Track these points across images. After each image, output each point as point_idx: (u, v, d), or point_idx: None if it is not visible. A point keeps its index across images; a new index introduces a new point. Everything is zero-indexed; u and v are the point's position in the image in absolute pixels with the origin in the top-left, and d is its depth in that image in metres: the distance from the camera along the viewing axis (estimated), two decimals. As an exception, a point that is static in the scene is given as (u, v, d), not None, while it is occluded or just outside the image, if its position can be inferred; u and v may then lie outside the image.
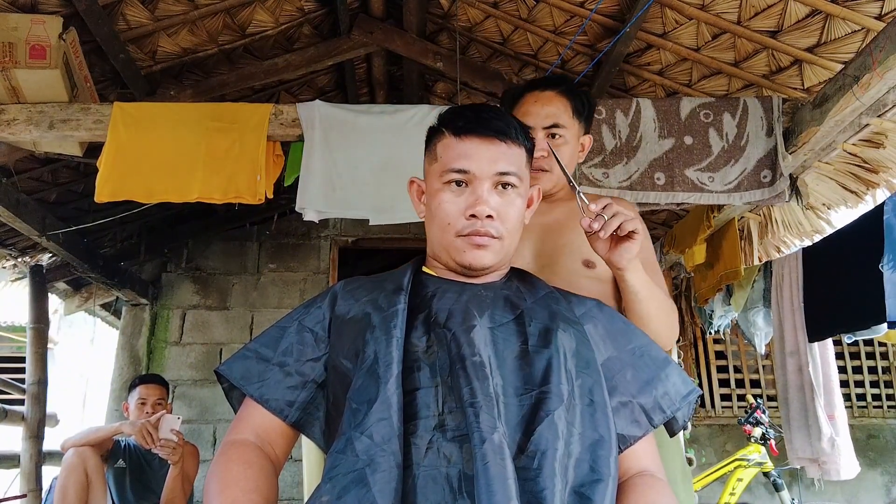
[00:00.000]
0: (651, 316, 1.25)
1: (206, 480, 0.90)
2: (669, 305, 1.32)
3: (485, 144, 1.03)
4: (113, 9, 2.54)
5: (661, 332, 1.27)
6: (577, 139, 1.47)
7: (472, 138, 1.03)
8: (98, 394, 5.99)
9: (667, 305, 1.30)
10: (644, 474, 0.96)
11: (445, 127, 1.07)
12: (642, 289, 1.22)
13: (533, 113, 1.43)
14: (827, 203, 3.17)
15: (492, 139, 1.03)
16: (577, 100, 1.45)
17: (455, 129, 1.05)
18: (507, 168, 1.03)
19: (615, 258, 1.15)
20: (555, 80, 1.50)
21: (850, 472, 3.12)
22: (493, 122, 1.05)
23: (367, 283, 1.09)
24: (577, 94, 1.46)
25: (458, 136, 1.04)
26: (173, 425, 2.77)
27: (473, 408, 0.84)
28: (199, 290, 4.73)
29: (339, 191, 2.59)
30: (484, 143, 1.03)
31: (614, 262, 1.17)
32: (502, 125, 1.05)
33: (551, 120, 1.42)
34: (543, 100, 1.43)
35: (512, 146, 1.05)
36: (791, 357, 3.24)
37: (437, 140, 1.08)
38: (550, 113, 1.42)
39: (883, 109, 2.34)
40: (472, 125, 1.04)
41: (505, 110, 1.33)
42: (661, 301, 1.28)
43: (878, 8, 2.26)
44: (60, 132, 2.48)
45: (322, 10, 3.06)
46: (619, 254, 1.14)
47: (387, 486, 0.80)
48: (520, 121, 1.10)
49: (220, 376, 1.03)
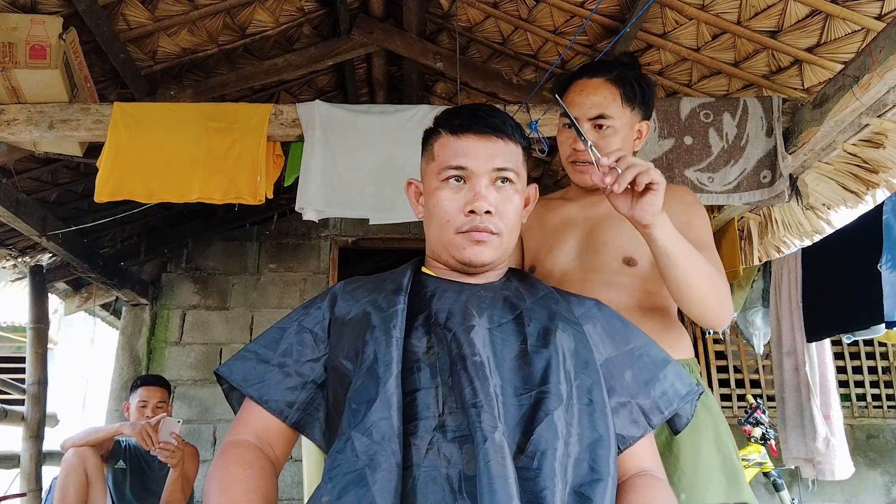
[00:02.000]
0: (690, 282, 1.16)
1: (206, 481, 0.90)
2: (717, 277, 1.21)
3: (482, 141, 1.03)
4: (113, 9, 2.54)
5: (705, 302, 1.19)
6: (631, 127, 1.38)
7: (469, 136, 1.04)
8: (98, 394, 5.98)
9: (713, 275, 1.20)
10: (644, 474, 0.96)
11: (442, 126, 1.08)
12: (674, 248, 1.13)
13: (578, 103, 1.36)
14: (827, 203, 3.17)
15: (488, 136, 1.04)
16: (627, 86, 1.36)
17: (451, 127, 1.06)
18: (505, 164, 1.03)
19: (637, 214, 1.08)
20: (605, 65, 1.40)
21: (845, 472, 3.11)
22: (489, 119, 1.05)
23: (367, 283, 1.09)
24: (627, 81, 1.36)
25: (454, 134, 1.05)
26: (173, 428, 2.77)
27: (475, 408, 0.84)
28: (199, 290, 4.73)
29: (338, 191, 2.59)
30: (481, 140, 1.04)
31: (637, 219, 1.09)
32: (498, 122, 1.05)
33: (597, 110, 1.34)
34: (589, 89, 1.36)
35: (508, 143, 1.05)
36: (788, 357, 3.25)
37: (433, 140, 1.09)
38: (596, 103, 1.34)
39: (883, 109, 2.34)
40: (469, 123, 1.05)
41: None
42: (704, 269, 1.18)
43: (878, 8, 2.26)
44: (60, 132, 2.49)
45: (322, 10, 3.06)
46: (642, 208, 1.08)
47: (387, 485, 0.79)
48: (514, 119, 1.10)
49: (219, 378, 1.04)
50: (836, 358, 5.20)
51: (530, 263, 1.49)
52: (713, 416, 1.29)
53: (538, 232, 1.49)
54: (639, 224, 1.11)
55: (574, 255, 1.39)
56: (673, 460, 1.23)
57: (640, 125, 1.41)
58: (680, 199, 1.38)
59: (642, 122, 1.41)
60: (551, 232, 1.46)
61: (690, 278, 1.16)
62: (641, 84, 1.39)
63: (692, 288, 1.17)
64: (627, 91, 1.36)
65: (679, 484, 1.20)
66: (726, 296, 1.23)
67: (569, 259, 1.39)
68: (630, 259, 1.33)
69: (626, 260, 1.33)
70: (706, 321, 1.22)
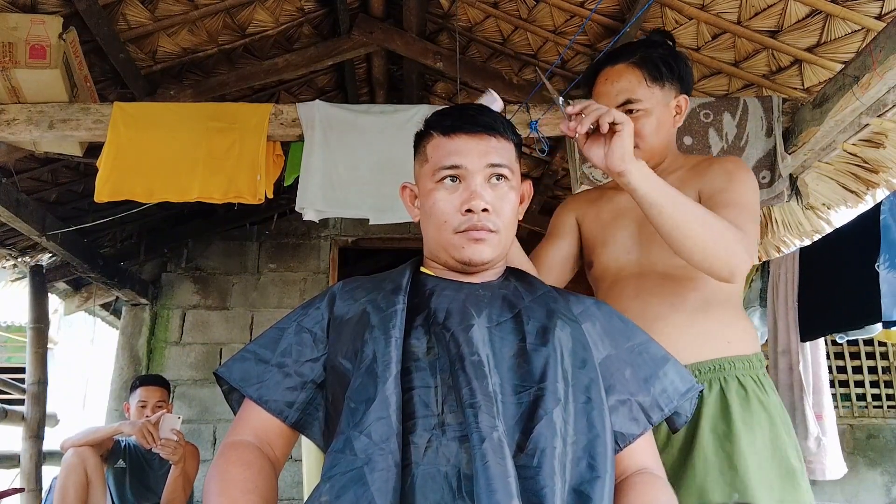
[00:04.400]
0: (684, 231, 1.11)
1: (206, 481, 0.90)
2: (721, 225, 1.14)
3: (474, 140, 1.04)
4: (113, 9, 2.54)
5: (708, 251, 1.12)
6: (665, 105, 1.35)
7: (461, 135, 1.04)
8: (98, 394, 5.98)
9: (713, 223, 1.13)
10: (643, 472, 0.96)
11: (432, 128, 1.08)
12: (660, 197, 1.10)
13: (604, 93, 1.35)
14: (827, 203, 3.17)
15: (480, 134, 1.04)
16: (650, 67, 1.34)
17: (443, 128, 1.06)
18: (498, 160, 1.03)
19: (609, 162, 1.08)
20: (628, 48, 1.39)
21: (837, 472, 3.10)
22: (480, 117, 1.05)
23: (366, 283, 1.09)
24: (650, 61, 1.34)
25: (446, 134, 1.05)
26: (174, 425, 2.77)
27: (473, 408, 0.84)
28: (199, 290, 4.73)
29: (338, 190, 2.59)
30: (473, 138, 1.04)
31: (610, 167, 1.08)
32: (489, 120, 1.05)
33: (624, 96, 1.33)
34: (613, 76, 1.35)
35: (501, 140, 1.05)
36: (783, 356, 3.25)
37: (425, 142, 1.09)
38: (622, 89, 1.33)
39: (883, 109, 2.34)
40: (460, 122, 1.05)
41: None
42: (700, 216, 1.12)
43: (878, 8, 2.26)
44: (60, 132, 2.48)
45: (322, 10, 3.06)
46: (611, 154, 1.07)
47: (385, 485, 0.79)
48: (505, 117, 1.10)
49: (219, 378, 1.03)
50: (837, 358, 5.21)
51: (588, 259, 1.47)
52: (770, 416, 1.25)
53: (594, 225, 1.47)
54: (614, 173, 1.10)
55: (628, 249, 1.37)
56: (725, 457, 1.20)
57: (677, 100, 1.38)
58: (721, 167, 1.35)
59: (679, 97, 1.38)
60: (605, 225, 1.44)
61: (683, 227, 1.11)
62: (668, 60, 1.36)
63: (687, 237, 1.12)
64: (652, 71, 1.34)
65: (732, 484, 1.18)
66: (735, 244, 1.15)
67: (624, 253, 1.37)
68: None
69: None
70: (716, 272, 1.16)
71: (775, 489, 1.19)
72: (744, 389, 1.26)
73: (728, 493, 1.18)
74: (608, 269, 1.40)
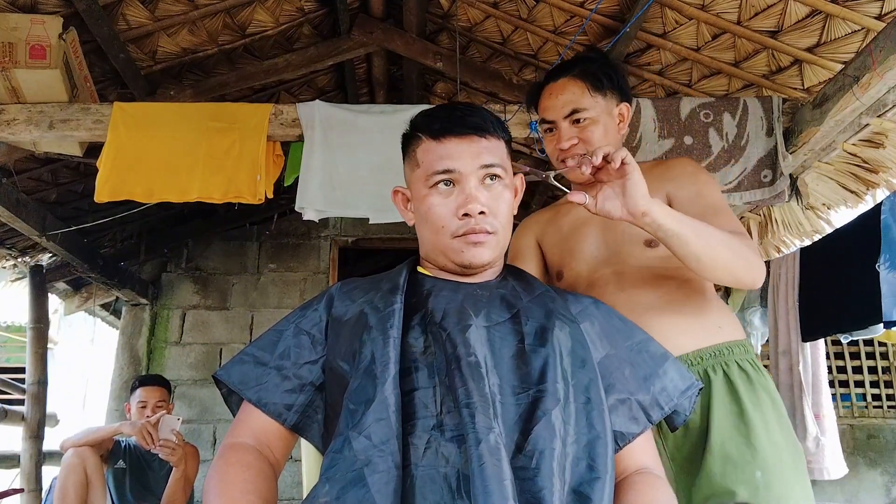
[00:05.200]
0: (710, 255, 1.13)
1: (205, 483, 0.90)
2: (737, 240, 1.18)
3: (465, 142, 1.03)
4: (113, 9, 2.54)
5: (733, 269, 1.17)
6: (608, 114, 1.39)
7: (451, 138, 1.03)
8: (98, 394, 5.98)
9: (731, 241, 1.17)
10: (643, 472, 0.96)
11: (421, 131, 1.06)
12: (680, 228, 1.11)
13: (550, 107, 1.39)
14: (827, 203, 3.17)
15: (471, 136, 1.03)
16: (591, 78, 1.38)
17: (432, 132, 1.05)
18: (491, 160, 1.03)
19: (630, 206, 1.08)
20: (565, 65, 1.43)
21: (837, 472, 3.10)
22: (469, 118, 1.04)
23: (364, 283, 1.09)
24: (589, 73, 1.39)
25: (436, 138, 1.04)
26: (173, 426, 2.77)
27: (469, 409, 0.83)
28: (199, 290, 4.73)
29: (338, 190, 2.59)
30: (464, 140, 1.03)
31: (633, 211, 1.08)
32: (478, 120, 1.04)
33: (570, 107, 1.36)
34: (557, 90, 1.39)
35: (491, 139, 1.05)
36: (783, 356, 3.25)
37: (414, 146, 1.08)
38: (567, 101, 1.37)
39: (883, 109, 2.34)
40: (449, 125, 1.04)
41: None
42: (719, 237, 1.15)
43: (878, 8, 2.26)
44: (60, 132, 2.48)
45: (322, 10, 3.06)
46: (631, 197, 1.08)
47: (385, 486, 0.79)
48: (494, 114, 1.10)
49: (218, 381, 1.03)
50: (837, 358, 5.21)
51: (557, 270, 1.48)
52: (772, 398, 1.27)
53: (555, 239, 1.49)
54: (637, 216, 1.09)
55: (597, 251, 1.39)
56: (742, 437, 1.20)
57: (618, 109, 1.42)
58: (682, 170, 1.39)
59: (621, 105, 1.42)
60: (569, 235, 1.46)
61: (708, 252, 1.14)
62: (607, 71, 1.41)
63: (714, 259, 1.14)
64: (593, 81, 1.38)
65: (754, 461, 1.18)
66: (752, 254, 1.20)
67: (593, 256, 1.39)
68: (650, 241, 1.32)
69: (647, 242, 1.33)
70: (742, 283, 1.21)
71: (791, 466, 1.20)
72: (745, 373, 1.28)
73: (751, 471, 1.17)
74: (580, 274, 1.42)
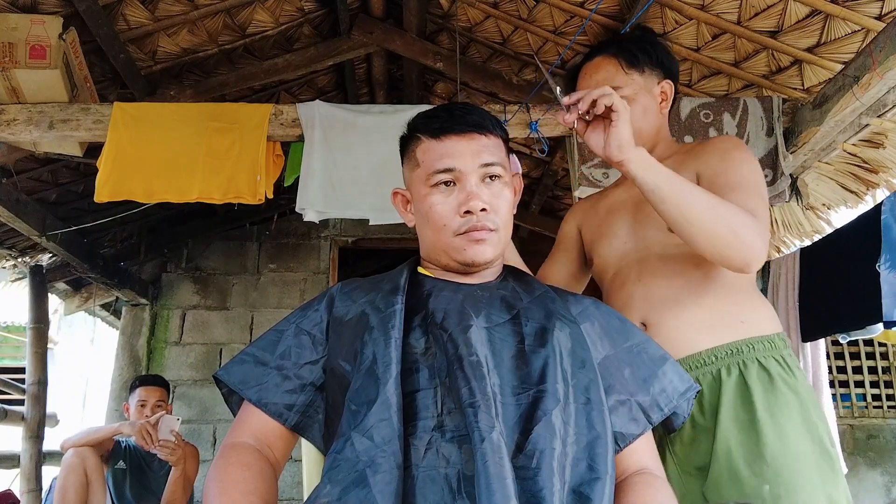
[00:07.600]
0: (688, 218, 1.08)
1: (206, 483, 0.90)
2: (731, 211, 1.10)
3: (464, 140, 1.03)
4: (113, 9, 2.54)
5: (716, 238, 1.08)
6: (648, 91, 1.34)
7: (451, 137, 1.03)
8: (98, 394, 5.99)
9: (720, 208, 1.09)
10: (643, 472, 0.96)
11: (420, 131, 1.07)
12: (662, 184, 1.08)
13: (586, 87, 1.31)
14: (827, 203, 3.17)
15: (470, 134, 1.03)
16: (626, 55, 1.33)
17: (431, 131, 1.05)
18: (491, 159, 1.03)
19: (608, 150, 1.07)
20: (601, 44, 1.40)
21: None
22: (467, 117, 1.05)
23: (365, 284, 1.09)
24: (625, 50, 1.34)
25: (436, 137, 1.04)
26: (172, 426, 2.77)
27: (472, 407, 0.83)
28: (199, 290, 4.73)
29: (339, 191, 2.60)
30: (463, 139, 1.03)
31: (609, 156, 1.07)
32: (477, 118, 1.05)
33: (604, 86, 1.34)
34: (591, 70, 1.36)
35: (490, 137, 1.05)
36: (783, 357, 3.25)
37: (414, 146, 1.08)
38: (600, 80, 1.32)
39: (883, 109, 2.34)
40: (448, 124, 1.04)
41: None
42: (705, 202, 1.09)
43: (878, 8, 2.26)
44: (60, 132, 2.48)
45: (322, 10, 3.06)
46: (609, 142, 1.07)
47: (387, 487, 0.79)
48: (490, 112, 1.10)
49: (218, 381, 1.03)
50: (837, 358, 5.21)
51: (590, 256, 1.47)
52: (800, 398, 1.16)
53: (592, 224, 1.47)
54: (613, 161, 1.09)
55: (625, 237, 1.36)
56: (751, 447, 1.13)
57: (661, 86, 1.37)
58: (715, 148, 1.30)
59: (663, 83, 1.37)
60: (602, 220, 1.44)
61: (688, 213, 1.08)
62: (644, 46, 1.36)
63: (692, 223, 1.09)
64: (628, 58, 1.34)
65: (762, 474, 1.10)
66: (748, 230, 1.10)
67: (621, 242, 1.36)
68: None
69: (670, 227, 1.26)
70: (729, 261, 1.11)
71: (815, 476, 1.10)
72: (766, 373, 1.17)
73: (758, 483, 1.10)
74: (609, 261, 1.39)
